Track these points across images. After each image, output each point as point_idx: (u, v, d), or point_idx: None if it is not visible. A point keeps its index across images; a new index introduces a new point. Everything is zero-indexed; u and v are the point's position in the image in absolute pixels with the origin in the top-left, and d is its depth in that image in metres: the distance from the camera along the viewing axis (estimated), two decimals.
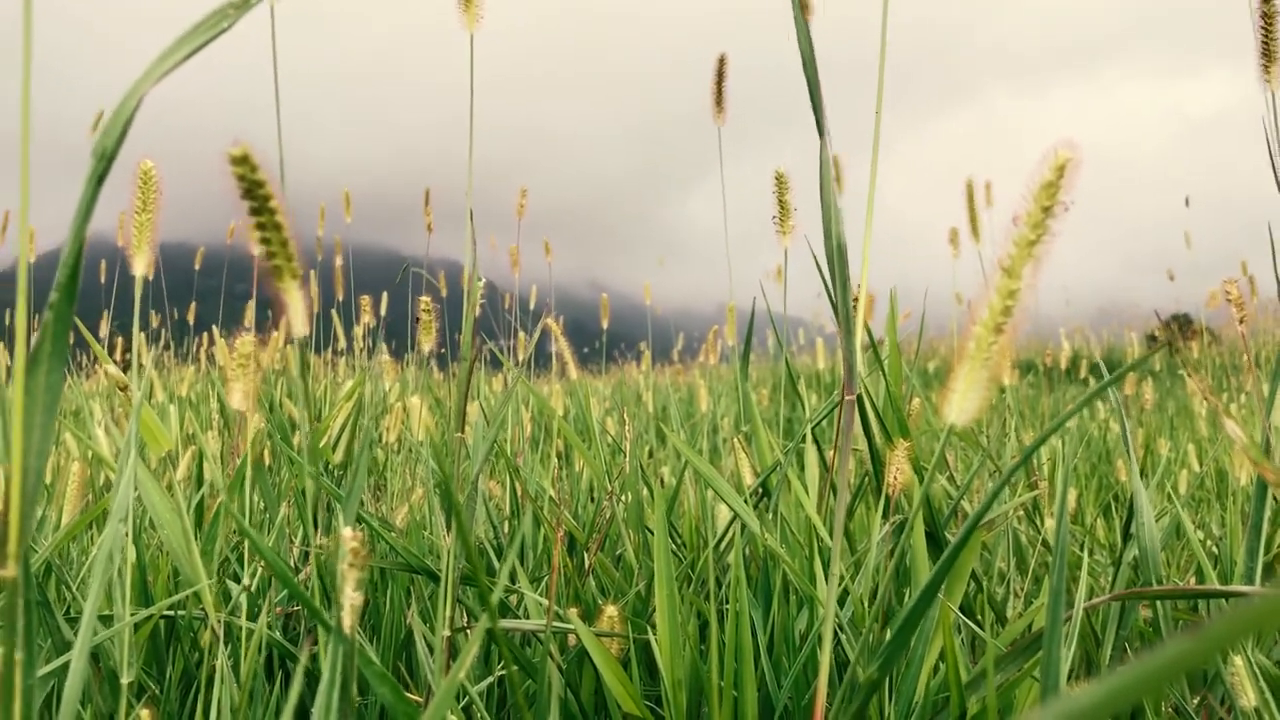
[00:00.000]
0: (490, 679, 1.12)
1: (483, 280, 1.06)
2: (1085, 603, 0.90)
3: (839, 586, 1.01)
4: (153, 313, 5.36)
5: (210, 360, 5.33)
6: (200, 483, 1.63)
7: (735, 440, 1.40)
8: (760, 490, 1.33)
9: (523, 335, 3.70)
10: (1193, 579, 1.53)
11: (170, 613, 1.23)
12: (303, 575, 1.29)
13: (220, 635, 0.99)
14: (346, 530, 0.52)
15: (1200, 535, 1.79)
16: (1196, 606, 1.14)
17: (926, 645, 0.96)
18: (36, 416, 0.42)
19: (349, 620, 0.53)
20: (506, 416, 2.31)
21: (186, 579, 1.03)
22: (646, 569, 1.36)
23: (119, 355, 4.78)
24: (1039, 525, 1.70)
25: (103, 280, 4.70)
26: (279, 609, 1.32)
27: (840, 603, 1.09)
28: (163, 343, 5.59)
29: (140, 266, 0.82)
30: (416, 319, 1.07)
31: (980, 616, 1.26)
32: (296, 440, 1.84)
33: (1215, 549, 1.70)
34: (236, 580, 1.36)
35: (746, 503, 1.18)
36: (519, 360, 3.23)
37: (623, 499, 1.54)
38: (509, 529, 1.66)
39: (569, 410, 3.10)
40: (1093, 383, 7.48)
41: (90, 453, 1.61)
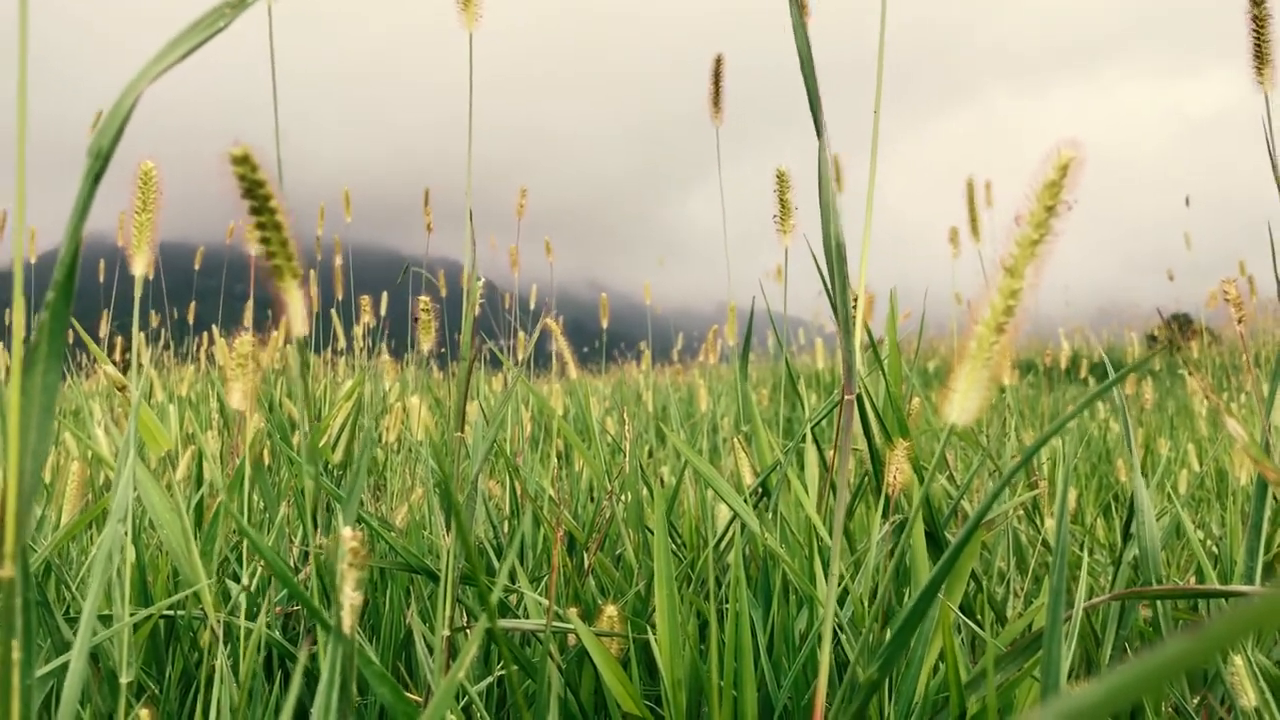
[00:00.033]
0: (490, 679, 1.12)
1: (482, 280, 1.06)
2: (1085, 602, 0.90)
3: (839, 586, 1.01)
4: (152, 312, 5.35)
5: (210, 360, 5.33)
6: (200, 482, 1.63)
7: (735, 440, 1.40)
8: (760, 490, 1.33)
9: (522, 335, 3.70)
10: (1193, 579, 1.53)
11: (170, 612, 1.23)
12: (302, 575, 1.29)
13: (220, 635, 0.99)
14: (346, 530, 0.52)
15: (1200, 535, 1.79)
16: (1196, 606, 1.14)
17: (926, 645, 0.96)
18: (33, 416, 0.42)
19: (348, 620, 0.53)
20: (506, 416, 2.31)
21: (186, 579, 1.03)
22: (646, 569, 1.36)
23: (119, 355, 4.78)
24: (1039, 525, 1.70)
25: (102, 280, 4.70)
26: (278, 609, 1.31)
27: (840, 603, 1.09)
28: (162, 342, 5.59)
29: (140, 266, 0.82)
30: (415, 318, 1.07)
31: (980, 616, 1.26)
32: (296, 440, 1.84)
33: (1215, 549, 1.70)
34: (236, 580, 1.36)
35: (746, 502, 1.18)
36: (519, 360, 3.22)
37: (622, 499, 1.54)
38: (509, 529, 1.66)
39: (569, 410, 3.10)
40: (1093, 383, 7.48)
41: (90, 452, 1.61)
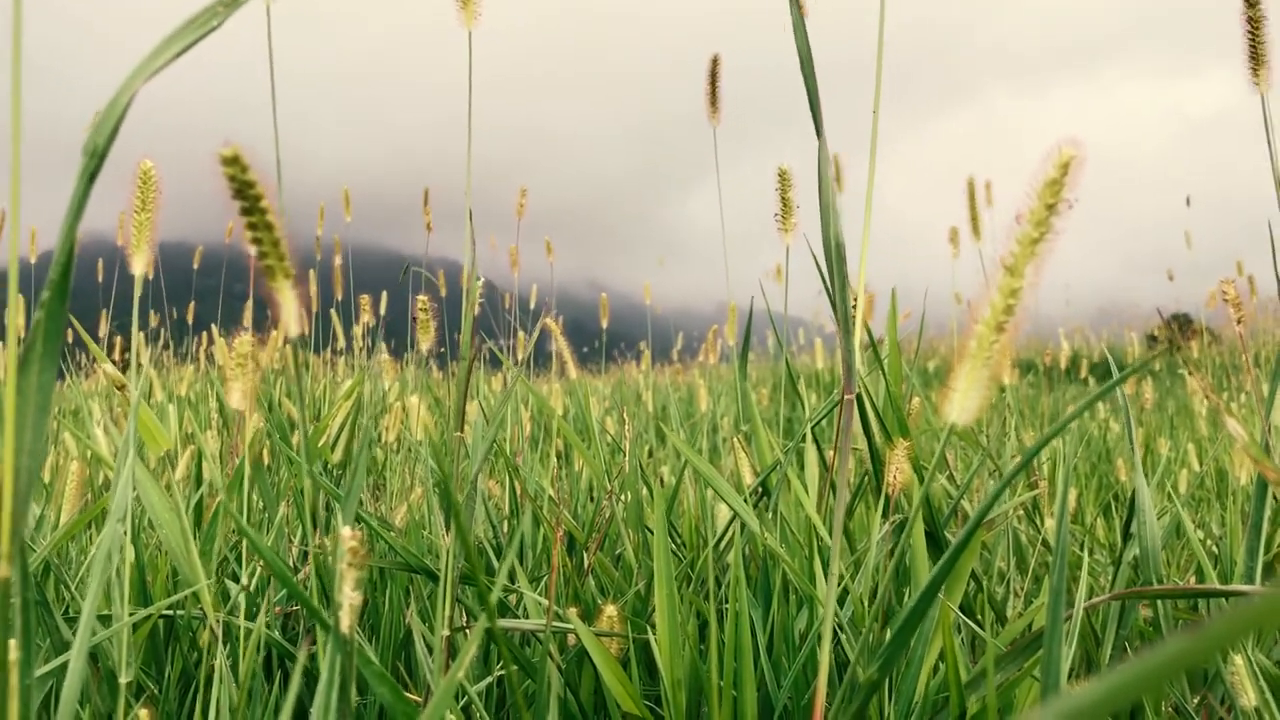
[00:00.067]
0: (489, 679, 1.12)
1: (482, 280, 1.05)
2: (1085, 602, 0.90)
3: (839, 586, 1.01)
4: (151, 312, 5.35)
5: (209, 359, 5.33)
6: (199, 482, 1.63)
7: (735, 440, 1.40)
8: (760, 490, 1.33)
9: (522, 335, 3.70)
10: (1193, 578, 1.53)
11: (169, 612, 1.22)
12: (301, 575, 1.28)
13: (219, 635, 0.99)
14: (345, 530, 0.51)
15: (1200, 535, 1.79)
16: (1196, 606, 1.14)
17: (926, 645, 0.96)
18: (29, 416, 0.42)
19: (348, 620, 0.53)
20: (506, 416, 2.31)
21: (185, 579, 1.03)
22: (646, 568, 1.36)
23: (118, 354, 4.78)
24: (1039, 525, 1.70)
25: (101, 279, 4.70)
26: (278, 608, 1.31)
27: (840, 602, 1.09)
28: (161, 342, 5.59)
29: (139, 266, 0.81)
30: (414, 318, 1.07)
31: (980, 616, 1.25)
32: (295, 440, 1.84)
33: (1215, 548, 1.70)
34: (235, 580, 1.36)
35: (746, 502, 1.18)
36: (518, 360, 3.22)
37: (622, 498, 1.54)
38: (508, 528, 1.66)
39: (568, 410, 3.10)
40: (1093, 382, 7.48)
41: (89, 452, 1.61)
